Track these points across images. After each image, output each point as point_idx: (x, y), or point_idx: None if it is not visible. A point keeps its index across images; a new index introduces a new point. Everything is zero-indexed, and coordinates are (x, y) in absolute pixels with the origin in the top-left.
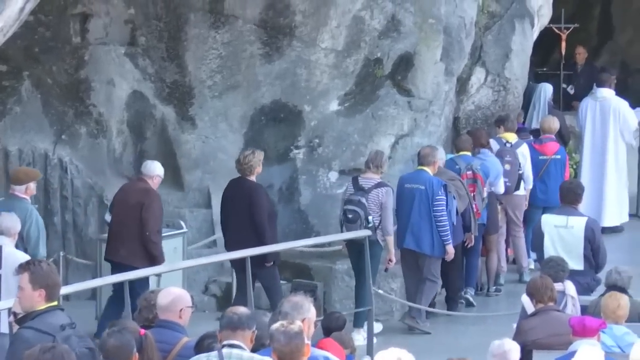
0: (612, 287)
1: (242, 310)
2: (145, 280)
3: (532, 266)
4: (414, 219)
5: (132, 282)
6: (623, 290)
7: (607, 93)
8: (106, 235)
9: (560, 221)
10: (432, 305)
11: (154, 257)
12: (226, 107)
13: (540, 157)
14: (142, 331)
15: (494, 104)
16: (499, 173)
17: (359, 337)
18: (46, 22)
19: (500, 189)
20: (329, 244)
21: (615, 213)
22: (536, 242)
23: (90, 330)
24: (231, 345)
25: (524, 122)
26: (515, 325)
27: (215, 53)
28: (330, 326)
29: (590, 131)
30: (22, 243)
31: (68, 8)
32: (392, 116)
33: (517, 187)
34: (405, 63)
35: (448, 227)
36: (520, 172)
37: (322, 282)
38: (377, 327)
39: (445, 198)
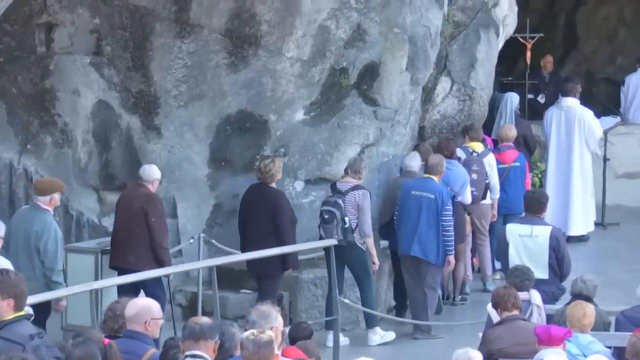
0: (577, 295)
1: (204, 320)
2: (159, 283)
3: (497, 276)
4: (422, 227)
5: (148, 287)
6: (588, 299)
7: (572, 102)
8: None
9: (525, 230)
10: (401, 313)
11: (163, 262)
12: (192, 117)
13: (500, 166)
14: (106, 341)
15: (459, 113)
16: (465, 183)
17: (376, 337)
18: (11, 32)
19: (467, 199)
20: (296, 253)
21: (581, 222)
22: (501, 251)
23: (57, 340)
24: (194, 356)
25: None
26: (481, 335)
27: (181, 62)
28: (297, 336)
29: (556, 140)
30: (39, 255)
31: (33, 17)
32: (357, 125)
33: (484, 197)
34: (371, 72)
35: (453, 237)
36: (487, 181)
37: (288, 292)
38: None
39: (452, 208)
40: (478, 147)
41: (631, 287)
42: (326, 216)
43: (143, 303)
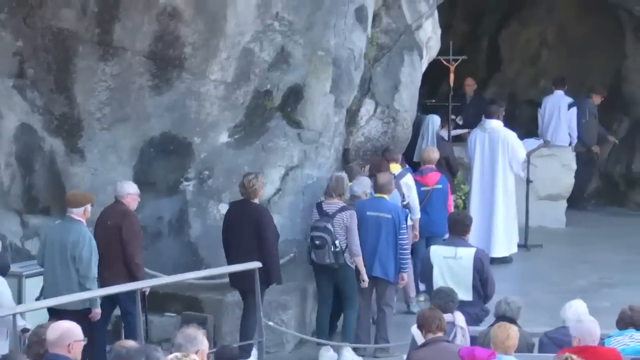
0: (501, 317)
1: (130, 344)
2: (132, 297)
3: (421, 298)
4: (381, 247)
5: (121, 303)
6: (512, 320)
7: (495, 124)
8: None
9: (449, 252)
10: (331, 335)
11: (137, 279)
12: (115, 139)
13: (422, 188)
14: None
15: (383, 135)
16: (398, 201)
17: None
18: None
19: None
20: (219, 276)
21: (504, 244)
22: (425, 273)
23: None
24: None
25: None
26: (405, 357)
27: (104, 85)
28: (222, 359)
29: (479, 162)
30: (74, 264)
31: None
32: (282, 148)
33: None
34: (295, 95)
35: (409, 256)
36: (405, 202)
37: (212, 315)
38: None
39: (406, 226)
40: (395, 168)
41: (555, 308)
42: (317, 242)
43: (65, 326)
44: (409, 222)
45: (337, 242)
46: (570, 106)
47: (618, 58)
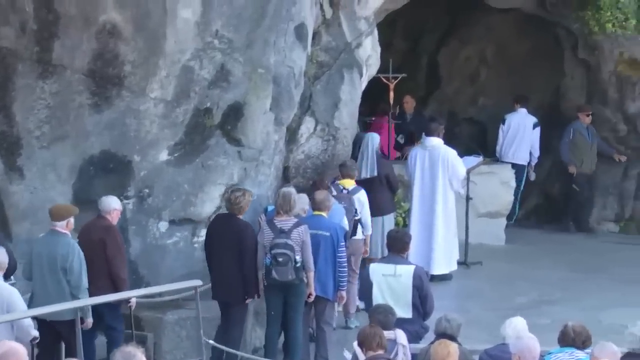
0: (441, 334)
1: None
2: (118, 316)
3: (357, 323)
4: (320, 265)
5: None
6: (452, 338)
7: (435, 142)
8: None
9: (389, 270)
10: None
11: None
12: (55, 158)
13: None
14: None
15: (323, 153)
16: (342, 218)
17: None
18: None
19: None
20: (160, 294)
21: (444, 261)
22: (365, 291)
23: None
24: None
25: None
26: None
27: (44, 103)
28: None
29: (420, 180)
30: (65, 275)
31: None
32: (222, 166)
33: (354, 233)
34: (235, 113)
35: (347, 273)
36: (357, 217)
37: (152, 333)
38: None
39: (345, 243)
40: (349, 184)
41: (494, 325)
42: (280, 259)
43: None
44: (361, 237)
45: (297, 257)
46: (535, 126)
47: (557, 76)
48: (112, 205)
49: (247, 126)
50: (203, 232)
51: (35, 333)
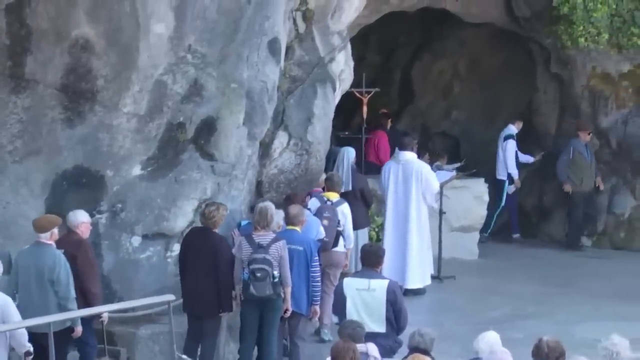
0: (415, 349)
1: None
2: (89, 328)
3: (330, 337)
4: (294, 280)
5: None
6: (426, 352)
7: (409, 156)
8: None
9: (362, 284)
10: None
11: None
12: (27, 172)
13: None
14: None
15: (297, 167)
16: (318, 232)
17: None
18: None
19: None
20: (133, 309)
21: (418, 275)
22: (338, 305)
23: None
24: None
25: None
26: None
27: (16, 118)
28: None
29: (393, 194)
30: (53, 286)
31: None
32: (195, 180)
33: (336, 244)
34: (208, 127)
35: (320, 288)
36: (340, 229)
37: (125, 348)
38: None
39: (318, 258)
40: (334, 196)
41: (468, 339)
42: (258, 274)
43: None
44: (342, 250)
45: (275, 272)
46: (505, 138)
47: (529, 90)
48: (79, 219)
49: (220, 141)
50: (176, 247)
51: (30, 347)
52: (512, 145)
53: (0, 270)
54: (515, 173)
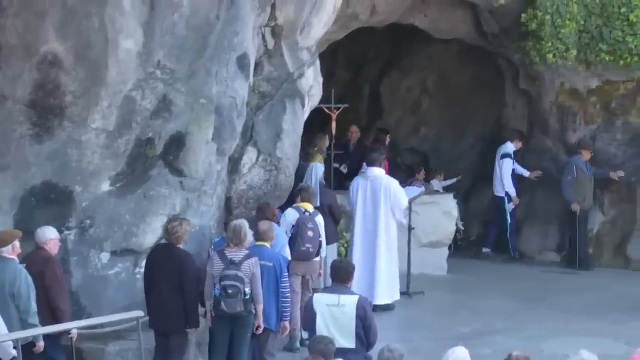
0: None
1: None
2: (57, 344)
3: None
4: (264, 296)
5: (47, 350)
6: None
7: (377, 172)
8: None
9: (332, 300)
10: None
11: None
12: None
13: None
14: None
15: (266, 183)
16: (284, 244)
17: None
18: None
19: (287, 256)
20: (101, 325)
21: (387, 291)
22: (308, 320)
23: None
24: None
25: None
26: None
27: None
28: None
29: (362, 210)
30: (14, 300)
31: None
32: (164, 196)
33: (318, 253)
34: (177, 143)
35: (290, 304)
36: (320, 239)
37: None
38: None
39: (288, 274)
40: (309, 207)
41: (437, 355)
42: (230, 291)
43: None
44: (317, 259)
45: (246, 289)
46: (502, 157)
47: (498, 106)
48: (47, 235)
49: (189, 156)
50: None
51: (14, 353)
52: (507, 163)
53: None
54: (512, 191)
